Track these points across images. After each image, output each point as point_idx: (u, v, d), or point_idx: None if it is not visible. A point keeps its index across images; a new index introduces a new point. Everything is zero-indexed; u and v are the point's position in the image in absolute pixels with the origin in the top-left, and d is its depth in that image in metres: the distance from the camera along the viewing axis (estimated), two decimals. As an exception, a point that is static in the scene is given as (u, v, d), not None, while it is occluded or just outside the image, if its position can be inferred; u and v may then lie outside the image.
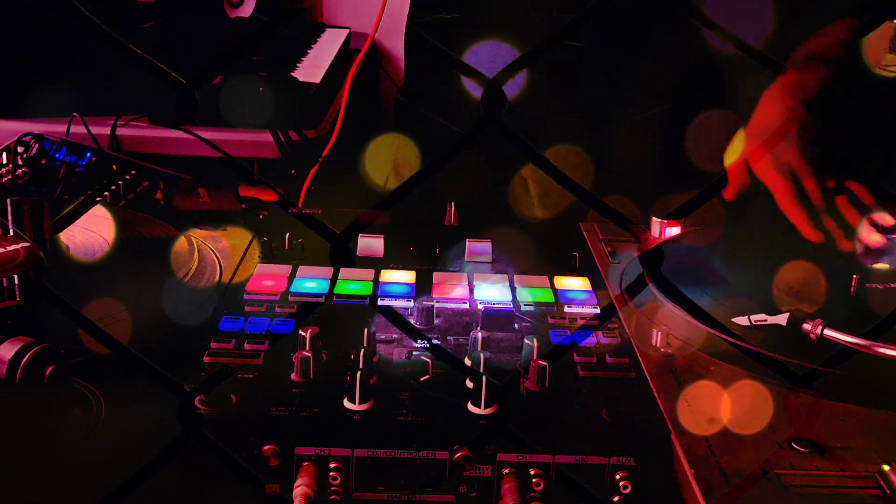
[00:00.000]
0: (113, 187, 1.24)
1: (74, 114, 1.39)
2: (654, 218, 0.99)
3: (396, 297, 0.98)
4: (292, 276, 1.02)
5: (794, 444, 0.74)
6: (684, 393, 0.82)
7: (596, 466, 0.75)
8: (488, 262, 1.10)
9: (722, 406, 0.81)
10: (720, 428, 0.77)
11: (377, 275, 1.03)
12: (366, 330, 0.87)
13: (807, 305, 0.97)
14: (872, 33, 1.33)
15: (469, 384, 0.81)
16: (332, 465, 0.75)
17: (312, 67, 1.64)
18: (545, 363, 0.81)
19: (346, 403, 0.78)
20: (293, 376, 0.81)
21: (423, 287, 1.01)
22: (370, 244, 1.09)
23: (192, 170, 1.40)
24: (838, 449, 0.74)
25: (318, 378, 0.81)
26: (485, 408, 0.77)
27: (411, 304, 0.97)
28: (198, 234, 1.12)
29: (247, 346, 0.85)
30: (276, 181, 1.54)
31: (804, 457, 0.73)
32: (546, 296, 1.00)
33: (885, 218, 1.10)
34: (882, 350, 0.83)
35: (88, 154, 1.29)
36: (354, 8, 2.03)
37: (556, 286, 1.03)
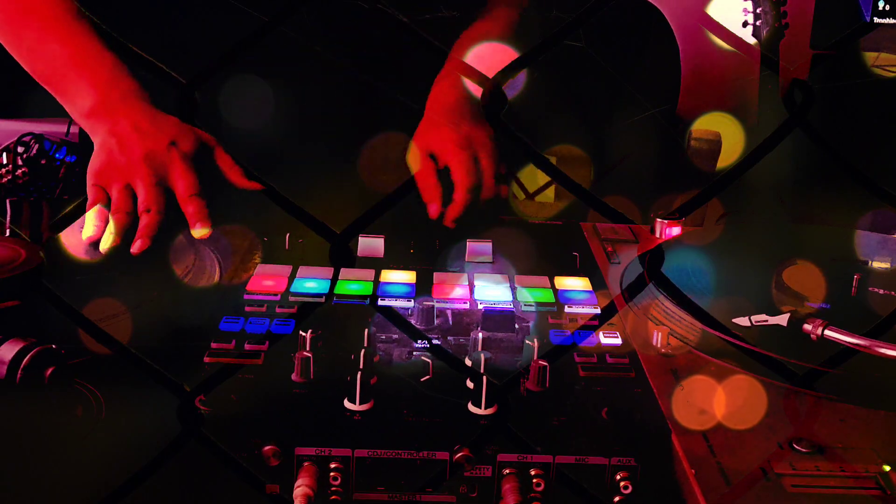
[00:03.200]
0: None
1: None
2: (654, 218, 0.99)
3: (397, 297, 0.98)
4: (292, 276, 1.02)
5: (794, 444, 0.74)
6: (683, 390, 0.82)
7: (596, 466, 0.75)
8: (488, 262, 1.10)
9: (721, 402, 0.81)
10: (716, 422, 0.77)
11: (377, 275, 1.03)
12: (366, 330, 0.87)
13: (807, 306, 0.97)
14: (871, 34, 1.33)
15: (469, 384, 0.81)
16: (332, 466, 0.75)
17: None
18: (545, 363, 0.81)
19: (347, 403, 0.78)
20: (293, 376, 0.81)
21: (423, 287, 1.01)
22: (370, 244, 1.09)
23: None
24: (838, 449, 0.74)
25: (319, 378, 0.81)
26: (485, 408, 0.77)
27: (411, 304, 0.97)
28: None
29: (247, 347, 0.85)
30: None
31: (804, 457, 0.73)
32: (546, 296, 1.00)
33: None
34: (882, 350, 0.83)
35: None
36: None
37: (557, 286, 1.03)
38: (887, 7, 1.10)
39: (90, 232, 1.01)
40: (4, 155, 1.21)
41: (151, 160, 1.05)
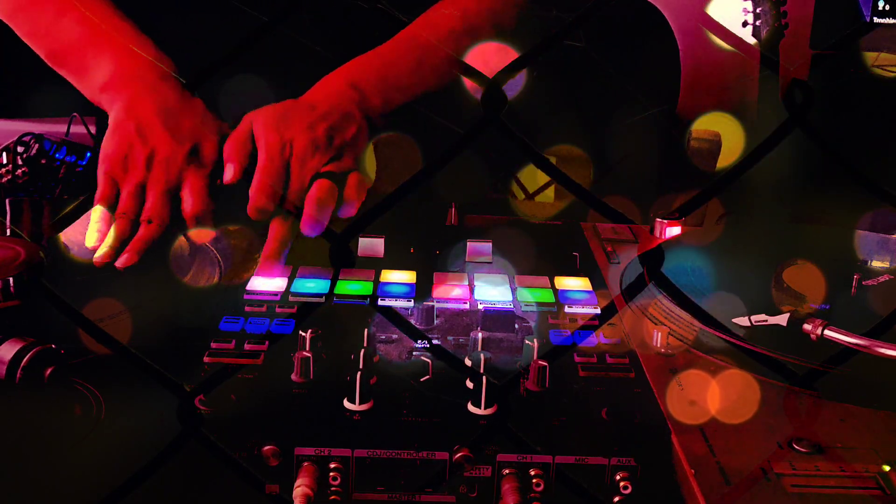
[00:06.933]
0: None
1: (74, 114, 1.39)
2: (654, 218, 0.99)
3: (397, 297, 0.98)
4: (292, 276, 1.02)
5: (794, 444, 0.74)
6: (683, 389, 0.82)
7: (596, 467, 0.75)
8: (488, 263, 1.10)
9: (720, 401, 0.81)
10: (716, 422, 0.77)
11: (377, 275, 1.03)
12: (366, 330, 0.87)
13: (807, 305, 0.97)
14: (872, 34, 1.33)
15: (469, 384, 0.81)
16: (332, 466, 0.75)
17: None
18: (545, 363, 0.81)
19: (347, 403, 0.78)
20: (293, 376, 0.81)
21: (423, 287, 1.01)
22: (370, 244, 1.09)
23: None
24: (838, 449, 0.74)
25: (318, 378, 0.81)
26: (485, 408, 0.77)
27: (411, 304, 0.97)
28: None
29: (247, 347, 0.85)
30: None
31: (804, 457, 0.73)
32: (546, 296, 1.00)
33: None
34: (882, 350, 0.83)
35: (88, 154, 1.29)
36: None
37: (557, 286, 1.03)
38: (887, 7, 1.10)
39: (93, 241, 0.96)
40: (4, 155, 1.21)
41: (169, 166, 0.99)
